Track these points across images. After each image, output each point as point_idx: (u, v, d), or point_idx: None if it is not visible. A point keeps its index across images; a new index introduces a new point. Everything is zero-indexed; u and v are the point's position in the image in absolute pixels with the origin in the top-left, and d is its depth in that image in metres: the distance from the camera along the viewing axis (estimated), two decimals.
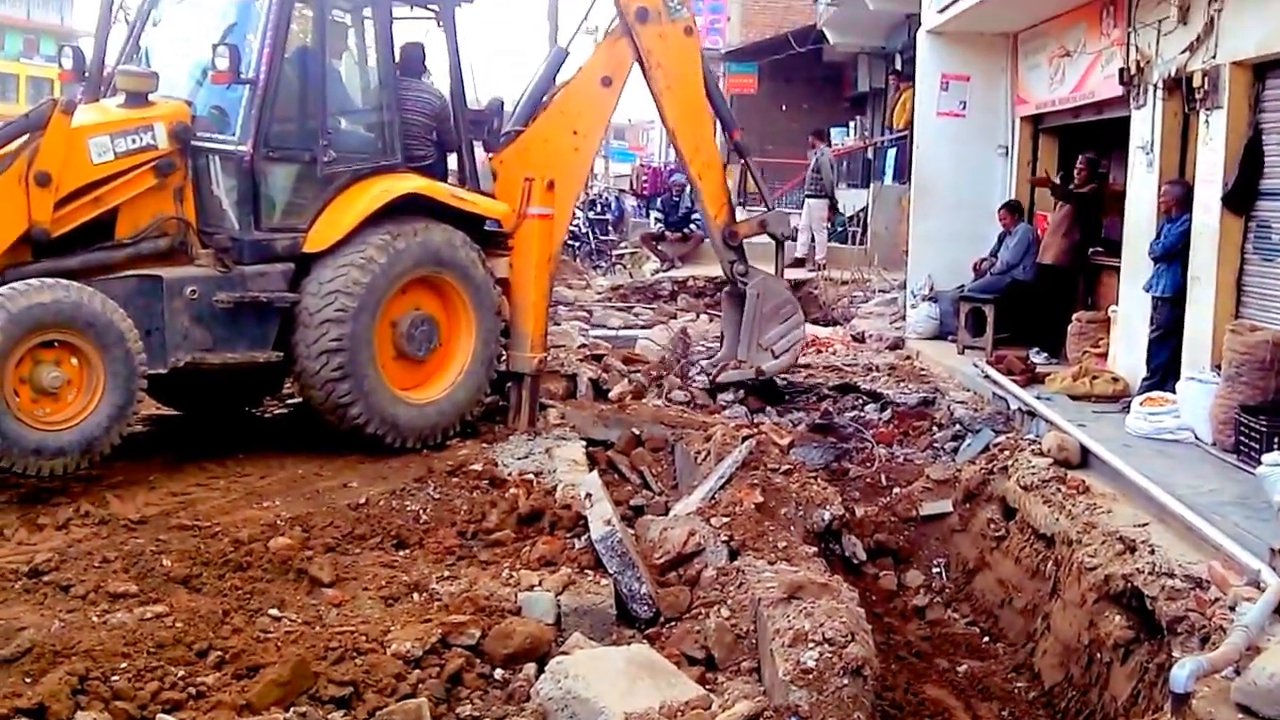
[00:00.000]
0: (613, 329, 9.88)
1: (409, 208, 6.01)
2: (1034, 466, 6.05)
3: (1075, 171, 9.17)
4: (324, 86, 5.86)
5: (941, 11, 10.19)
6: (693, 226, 15.84)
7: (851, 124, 19.98)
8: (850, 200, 16.75)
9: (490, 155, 6.96)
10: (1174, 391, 6.51)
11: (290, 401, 6.85)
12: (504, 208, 6.59)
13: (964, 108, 10.73)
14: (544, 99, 7.10)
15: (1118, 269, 8.00)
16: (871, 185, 15.79)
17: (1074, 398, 7.33)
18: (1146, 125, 7.48)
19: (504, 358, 6.59)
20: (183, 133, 5.49)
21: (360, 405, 5.76)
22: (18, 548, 4.31)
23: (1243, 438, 5.69)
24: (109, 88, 5.91)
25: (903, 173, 14.42)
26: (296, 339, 5.70)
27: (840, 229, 16.32)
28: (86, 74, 6.00)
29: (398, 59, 6.37)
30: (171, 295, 5.34)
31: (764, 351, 8.17)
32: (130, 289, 5.24)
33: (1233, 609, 4.00)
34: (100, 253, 5.33)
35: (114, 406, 4.99)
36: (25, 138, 5.04)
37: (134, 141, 5.36)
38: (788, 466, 5.97)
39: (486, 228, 6.54)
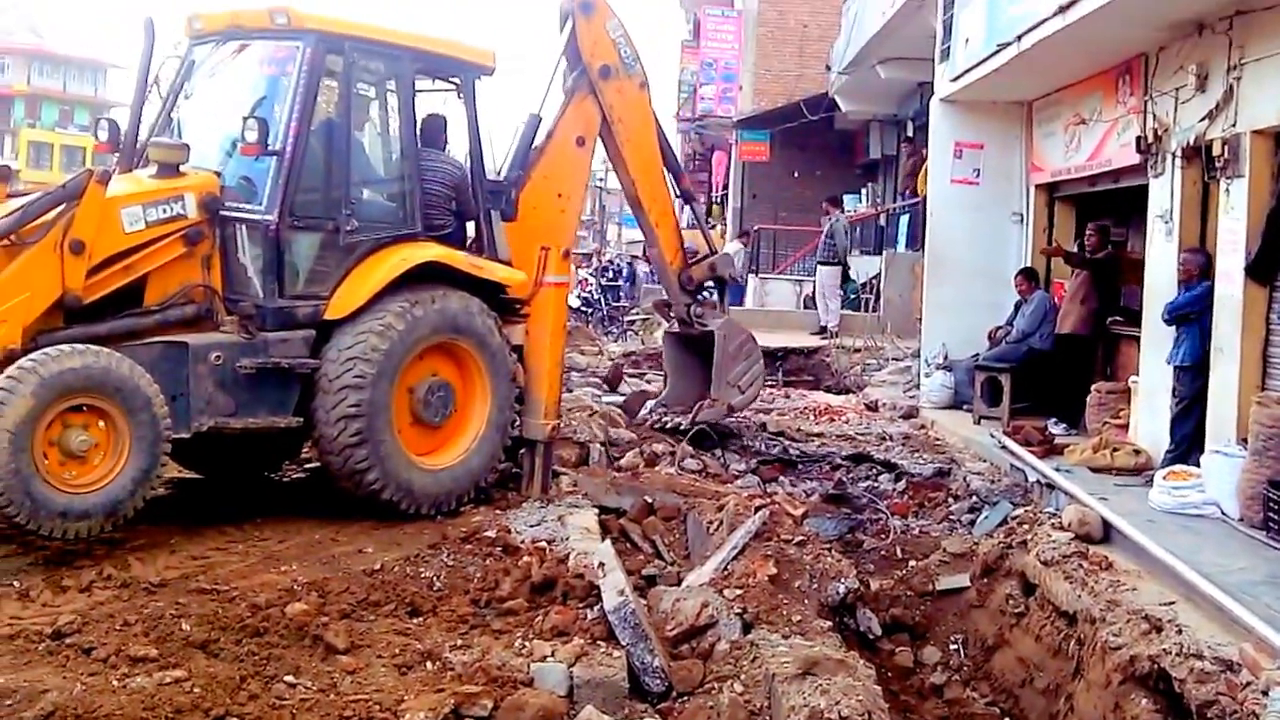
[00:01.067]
0: (624, 395, 10.03)
1: (427, 275, 6.25)
2: (1054, 541, 6.08)
3: (1086, 238, 9.37)
4: (348, 157, 6.15)
5: (955, 80, 10.51)
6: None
7: (863, 191, 20.39)
8: (863, 267, 17.03)
9: None
10: (1198, 465, 6.55)
11: (308, 466, 7.01)
12: (520, 276, 6.83)
13: (978, 175, 11.01)
14: (527, 166, 7.31)
15: (1138, 338, 8.12)
16: (884, 252, 16.07)
17: (1094, 470, 7.41)
18: (1165, 193, 7.65)
19: (518, 424, 6.75)
20: (212, 203, 5.77)
21: (377, 471, 5.93)
22: (42, 609, 4.46)
23: (1272, 514, 5.73)
24: (142, 159, 6.21)
25: (915, 239, 14.71)
26: (316, 404, 5.90)
27: (853, 296, 16.57)
28: (121, 145, 6.29)
29: (419, 130, 6.66)
30: (197, 361, 5.56)
31: (732, 388, 8.66)
32: (157, 354, 5.46)
33: (1265, 694, 4.00)
34: (129, 319, 5.57)
35: (139, 470, 5.17)
36: (62, 207, 5.30)
37: (165, 211, 5.63)
38: (801, 538, 6.05)
39: (502, 295, 6.75)
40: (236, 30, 6.38)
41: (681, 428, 8.64)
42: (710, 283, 8.94)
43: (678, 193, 8.86)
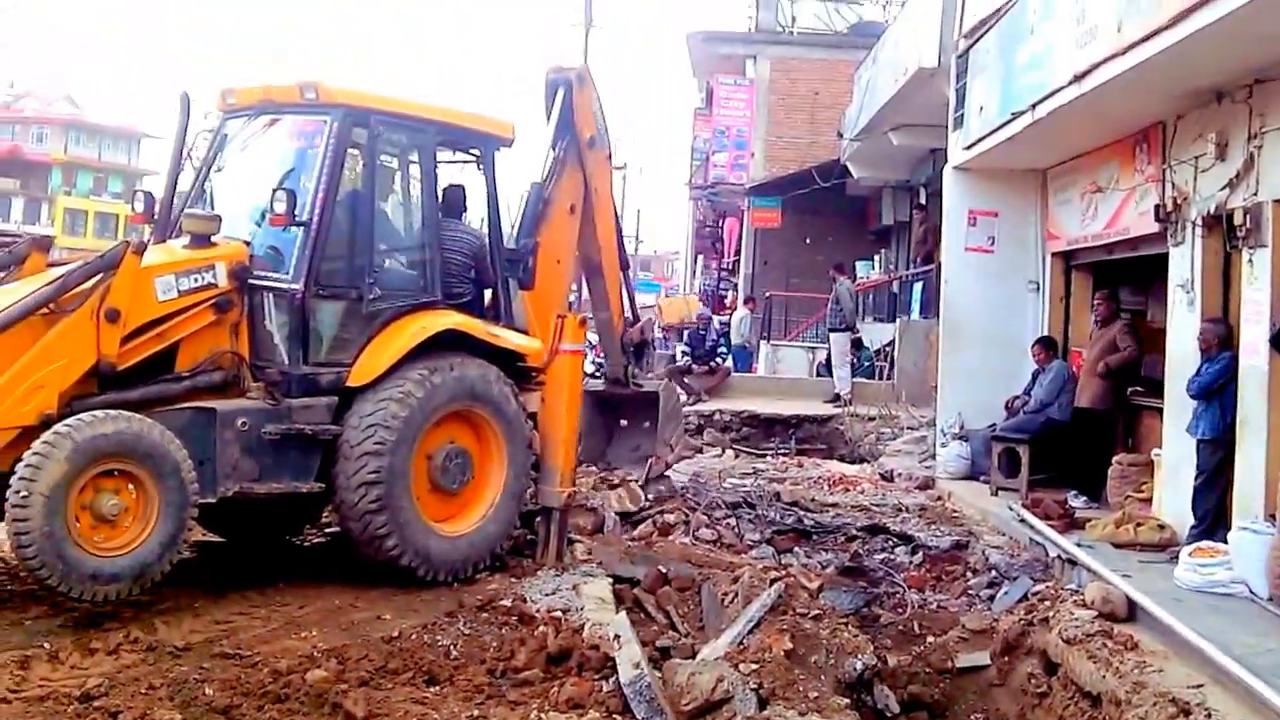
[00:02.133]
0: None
1: (446, 343, 6.48)
2: (1077, 619, 6.07)
3: (1094, 307, 9.51)
4: (372, 227, 6.44)
5: (968, 148, 10.71)
6: (718, 360, 16.37)
7: (876, 257, 20.69)
8: (876, 334, 17.24)
9: None
10: (1225, 541, 6.55)
11: (328, 530, 7.18)
12: (536, 344, 7.06)
13: (992, 243, 11.18)
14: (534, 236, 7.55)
15: (1160, 409, 8.15)
16: (898, 319, 16.30)
17: (1117, 546, 7.43)
18: (1186, 263, 7.72)
19: (533, 492, 6.92)
20: (241, 272, 6.06)
21: (396, 537, 6.11)
22: (71, 671, 4.64)
23: None
24: (176, 229, 6.53)
25: (929, 307, 14.94)
26: (337, 470, 6.11)
27: (866, 364, 16.75)
28: (155, 216, 6.60)
29: (440, 200, 6.95)
30: (224, 427, 5.78)
31: (666, 446, 9.19)
32: (186, 420, 5.69)
33: None
34: (160, 385, 5.82)
35: (166, 534, 5.37)
36: (99, 276, 5.58)
37: (196, 280, 5.92)
38: (818, 611, 6.12)
39: (519, 363, 6.97)
40: (268, 104, 6.71)
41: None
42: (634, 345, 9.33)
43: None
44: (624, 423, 9.43)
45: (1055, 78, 8.05)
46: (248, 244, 6.26)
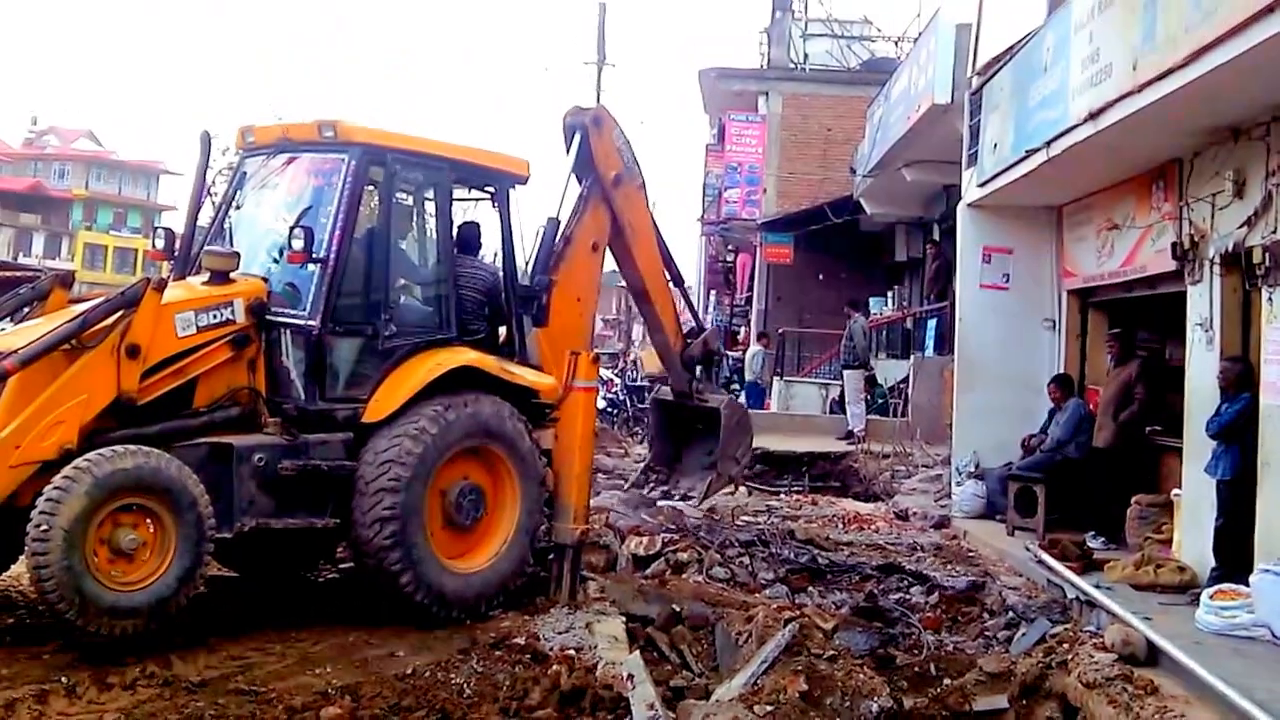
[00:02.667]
0: (651, 497, 10.19)
1: (461, 380, 6.54)
2: (1097, 662, 6.03)
3: (1107, 347, 9.51)
4: (388, 264, 6.55)
5: (982, 185, 10.77)
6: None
7: (889, 294, 20.72)
8: (889, 371, 17.24)
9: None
10: (1247, 584, 6.50)
11: (343, 566, 7.22)
12: (549, 381, 7.11)
13: (1007, 280, 11.20)
14: (549, 272, 7.66)
15: (1179, 449, 8.11)
16: (912, 356, 16.30)
17: (1137, 588, 7.38)
18: (1204, 301, 7.71)
19: (547, 529, 6.94)
20: (259, 308, 6.17)
21: (410, 574, 6.16)
22: (88, 706, 4.71)
23: None
24: (195, 265, 6.64)
25: (943, 344, 14.94)
26: (353, 506, 6.17)
27: (880, 401, 16.74)
28: (175, 252, 6.71)
29: (455, 237, 7.04)
30: (240, 462, 5.85)
31: (730, 460, 9.31)
32: (204, 456, 5.77)
33: None
34: (179, 420, 5.90)
35: (183, 569, 5.43)
36: (120, 313, 5.69)
37: (215, 317, 6.03)
38: (832, 652, 6.10)
39: (533, 400, 7.01)
40: (286, 143, 6.85)
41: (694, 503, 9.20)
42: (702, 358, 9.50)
43: (669, 277, 9.33)
44: (693, 436, 9.60)
45: (1070, 115, 8.11)
46: (266, 281, 6.37)
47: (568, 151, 8.11)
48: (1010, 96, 9.88)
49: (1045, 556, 8.20)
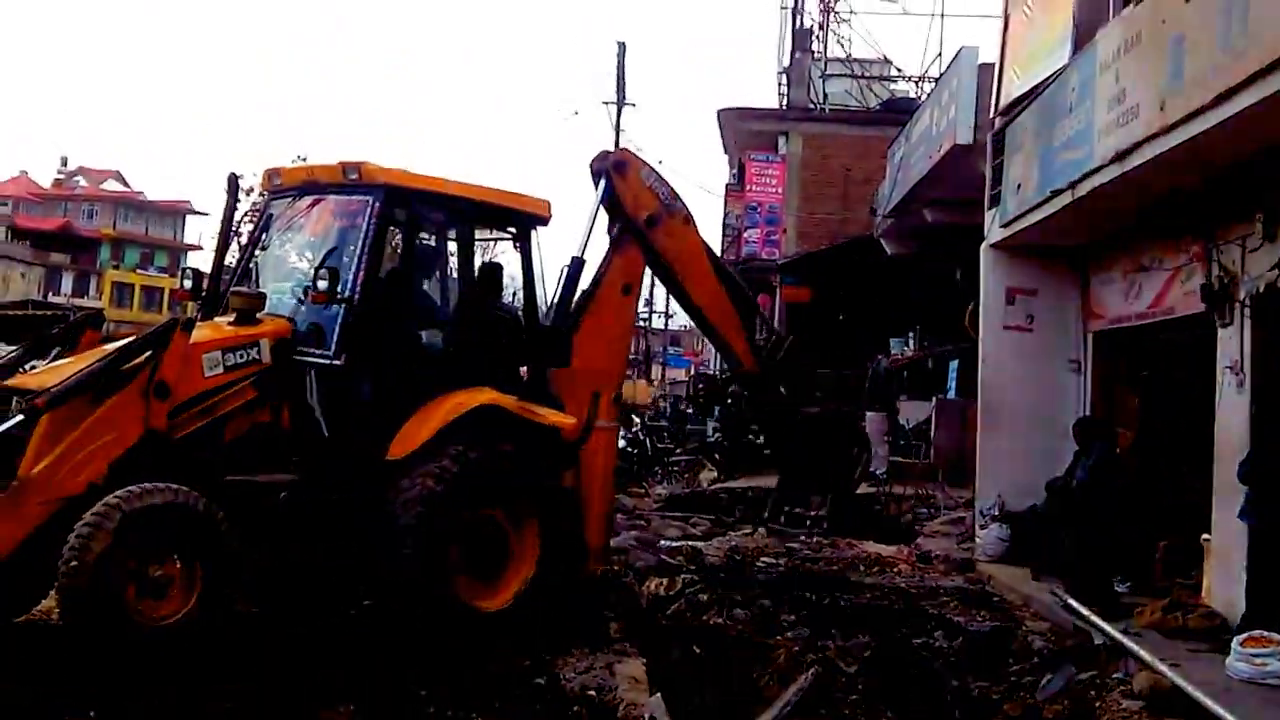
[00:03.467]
0: (670, 540, 10.14)
1: (482, 419, 6.56)
2: (1125, 710, 6.02)
3: (1135, 389, 9.37)
4: (411, 304, 6.61)
5: (1006, 226, 10.72)
6: (750, 438, 16.31)
7: (910, 334, 20.66)
8: (911, 412, 17.14)
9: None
10: (1278, 630, 6.44)
11: (365, 603, 7.21)
12: (571, 421, 7.13)
13: (1031, 321, 11.11)
14: (577, 312, 7.72)
15: (1209, 493, 7.98)
16: (934, 398, 16.20)
17: (1165, 633, 7.30)
18: (1234, 343, 7.66)
19: (568, 569, 6.92)
20: (284, 348, 6.27)
21: (431, 613, 6.20)
22: None
23: None
24: (223, 305, 6.74)
25: (966, 385, 14.84)
26: (375, 544, 6.18)
27: (902, 442, 16.64)
28: (203, 293, 6.80)
29: (483, 280, 7.10)
30: (266, 499, 5.96)
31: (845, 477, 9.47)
32: (230, 493, 5.83)
33: None
34: (206, 457, 5.97)
35: (210, 604, 5.52)
36: (149, 353, 5.81)
37: (242, 356, 6.15)
38: (854, 697, 6.05)
39: (554, 440, 7.02)
40: (311, 185, 6.97)
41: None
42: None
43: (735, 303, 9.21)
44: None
45: (1096, 156, 8.09)
46: (291, 321, 6.44)
47: (597, 193, 8.14)
48: (1034, 137, 9.87)
49: (1072, 601, 8.10)
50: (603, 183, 8.07)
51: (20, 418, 5.51)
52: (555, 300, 7.60)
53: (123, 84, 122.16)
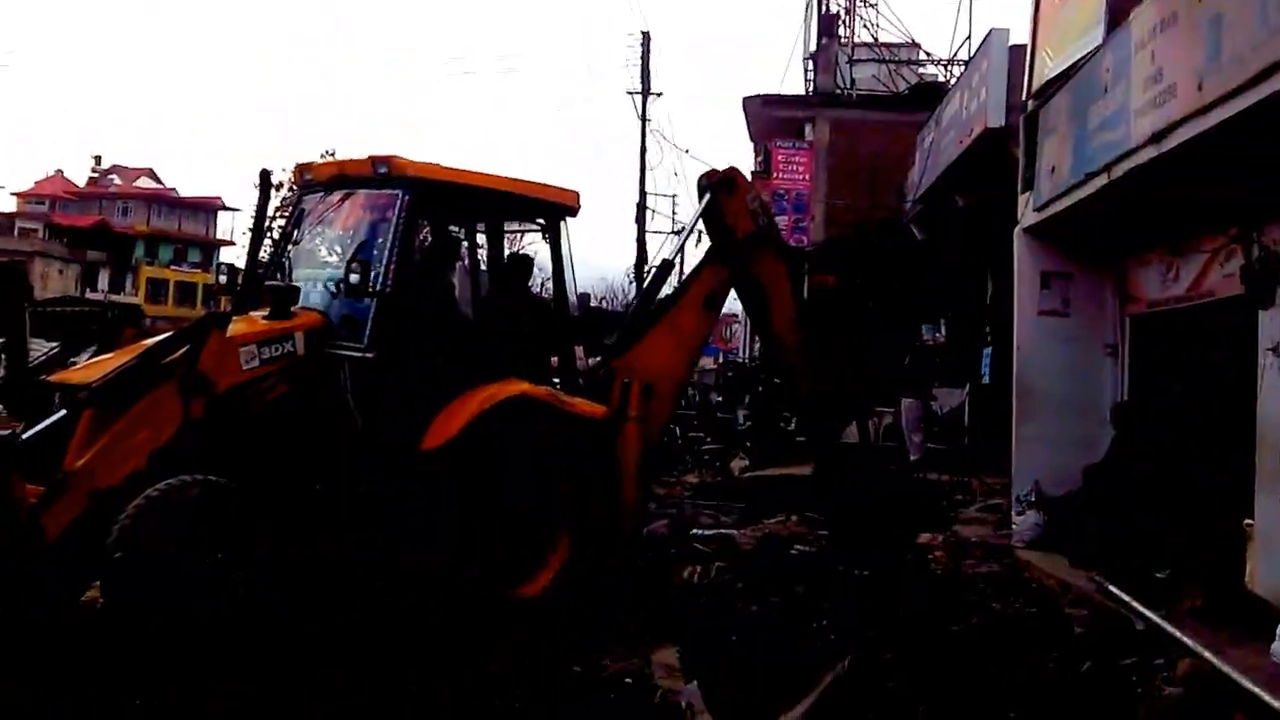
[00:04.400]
0: (703, 528, 10.15)
1: (514, 409, 6.60)
2: (1166, 696, 5.98)
3: (1175, 372, 9.27)
4: (442, 296, 6.64)
5: (1039, 210, 10.63)
6: (781, 424, 16.28)
7: (942, 320, 20.51)
8: (945, 400, 17.03)
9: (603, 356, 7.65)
10: None
11: (402, 590, 7.29)
12: (602, 410, 7.19)
13: (1067, 306, 11.03)
14: (657, 312, 7.94)
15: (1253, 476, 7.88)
16: (967, 384, 16.09)
17: (1207, 619, 7.22)
18: (1276, 326, 7.58)
19: (602, 555, 6.96)
20: (318, 340, 6.32)
21: (468, 600, 6.25)
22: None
23: None
24: (256, 300, 6.84)
25: (1000, 371, 14.71)
26: (411, 533, 6.24)
27: (935, 429, 16.54)
28: (238, 287, 6.90)
29: (506, 268, 7.14)
30: (303, 490, 6.07)
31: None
32: (268, 483, 5.94)
33: None
34: (244, 449, 6.04)
35: (253, 592, 5.67)
36: (187, 347, 5.90)
37: (277, 349, 6.24)
38: (891, 682, 6.02)
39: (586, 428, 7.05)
40: (342, 179, 7.05)
41: None
42: None
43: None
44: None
45: (1132, 137, 7.99)
46: (324, 314, 6.49)
47: (699, 206, 8.34)
48: (1068, 119, 9.77)
49: (1111, 587, 8.06)
50: (707, 197, 8.21)
51: (64, 412, 5.62)
52: (637, 298, 7.73)
53: (144, 82, 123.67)
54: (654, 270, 7.88)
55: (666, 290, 8.54)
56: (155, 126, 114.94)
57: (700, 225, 8.51)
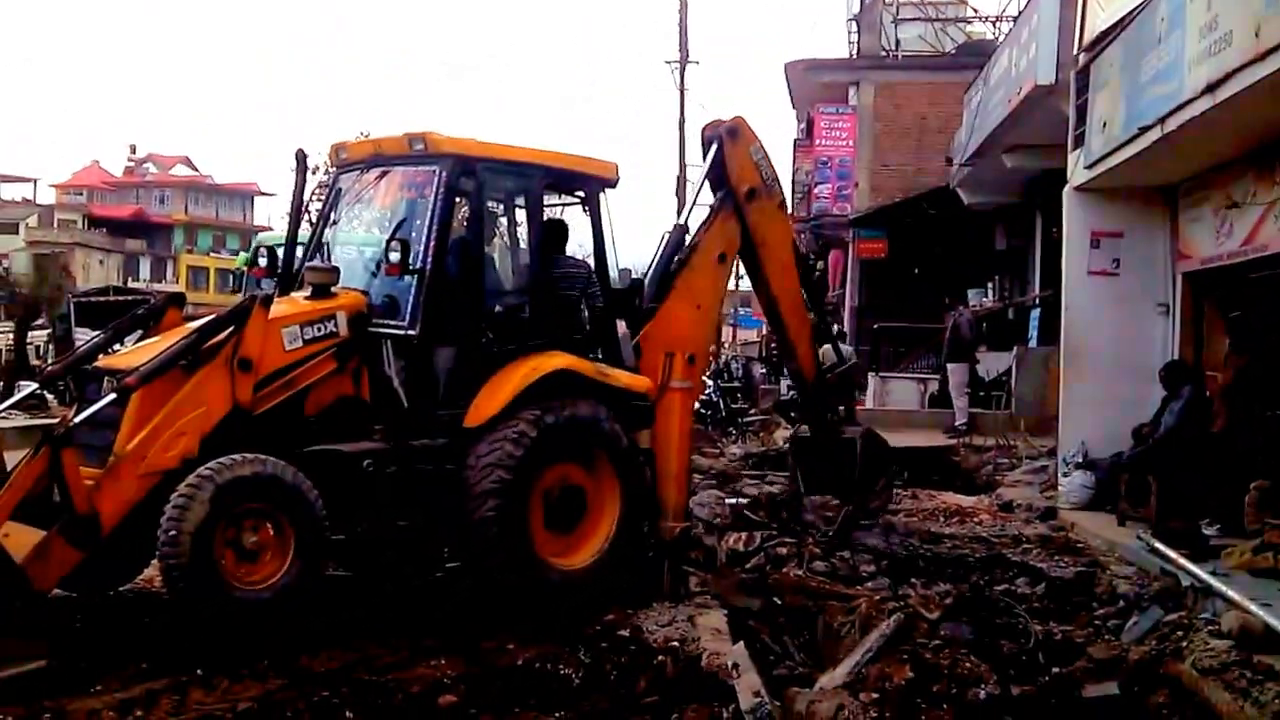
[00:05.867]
0: (748, 497, 10.38)
1: (558, 383, 6.84)
2: (1213, 649, 6.06)
3: (1228, 330, 9.31)
4: (481, 273, 6.91)
5: (1090, 167, 10.58)
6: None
7: (990, 284, 20.46)
8: (991, 363, 17.08)
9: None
10: None
11: (451, 565, 7.61)
12: (645, 382, 7.38)
13: (1117, 266, 11.02)
14: (671, 276, 7.98)
15: None
16: (1015, 348, 16.12)
17: (1255, 574, 7.32)
18: None
19: (647, 527, 7.20)
20: (360, 320, 6.57)
21: (515, 573, 6.51)
22: (223, 696, 5.14)
23: None
24: (298, 281, 7.08)
25: (1048, 334, 14.74)
26: (457, 508, 6.51)
27: (981, 394, 16.60)
28: (279, 270, 7.15)
29: (548, 238, 7.33)
30: (351, 468, 6.26)
31: (871, 495, 9.35)
32: (316, 462, 6.16)
33: None
34: (291, 429, 6.31)
35: (303, 568, 5.87)
36: (230, 329, 6.13)
37: (319, 330, 6.44)
38: (937, 642, 6.23)
39: (629, 401, 7.27)
40: (378, 157, 7.22)
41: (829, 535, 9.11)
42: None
43: (811, 307, 9.37)
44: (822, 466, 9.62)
45: (1186, 88, 7.95)
46: (365, 293, 6.74)
47: (705, 160, 8.32)
48: (1120, 72, 9.69)
49: (1158, 545, 8.14)
50: (713, 149, 8.22)
51: (113, 396, 5.82)
52: (654, 264, 7.83)
53: (184, 70, 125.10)
54: (668, 236, 7.89)
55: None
56: (188, 114, 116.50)
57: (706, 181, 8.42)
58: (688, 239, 8.08)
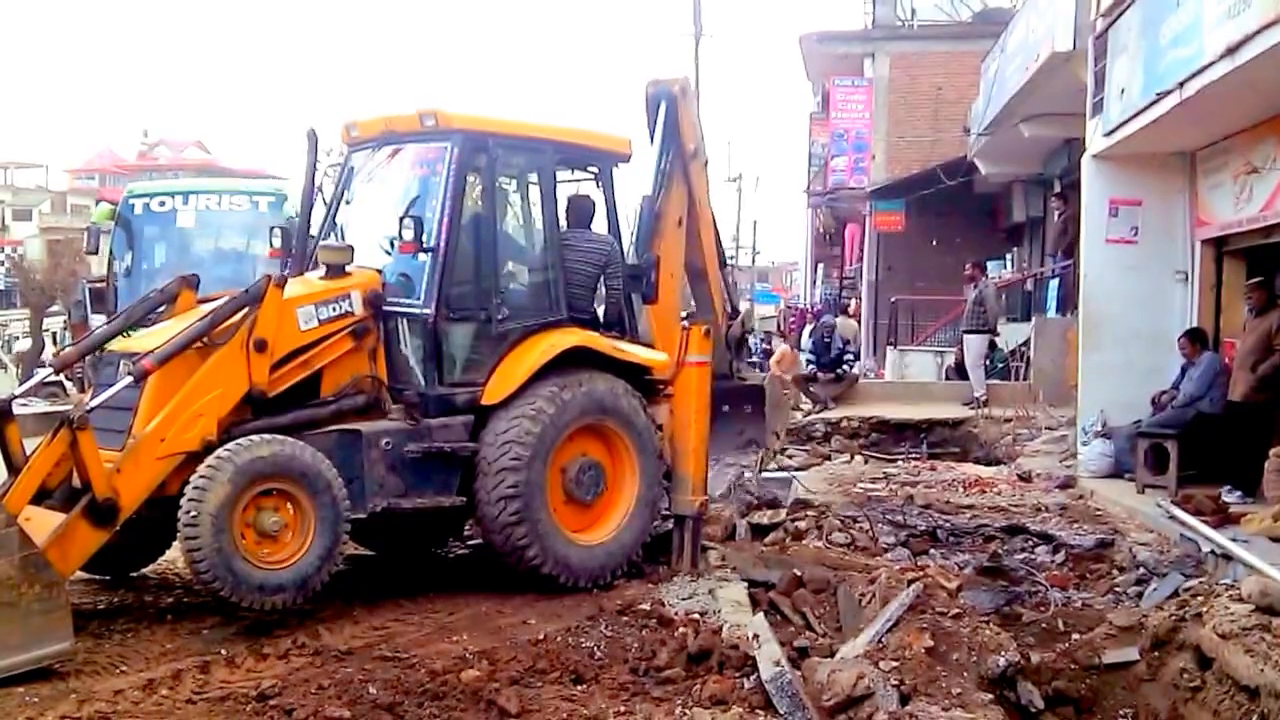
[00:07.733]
0: (769, 470, 10.44)
1: (574, 359, 6.88)
2: (1233, 613, 6.05)
3: (1246, 297, 9.31)
4: (496, 250, 6.89)
5: (1109, 134, 10.55)
6: (845, 368, 16.46)
7: (1008, 255, 20.37)
8: (1010, 335, 17.05)
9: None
10: None
11: (471, 542, 7.72)
12: (662, 357, 7.39)
13: (1136, 233, 11.00)
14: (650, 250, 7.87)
15: None
16: (1034, 318, 16.08)
17: (1276, 539, 7.37)
18: None
19: (666, 501, 7.25)
20: (375, 299, 6.57)
21: (536, 548, 6.55)
22: (247, 674, 5.21)
23: None
24: (312, 261, 7.10)
25: (1066, 304, 14.70)
26: (477, 485, 6.57)
27: (1001, 365, 16.58)
28: (292, 250, 7.20)
29: (564, 212, 7.34)
30: (369, 447, 6.29)
31: (774, 435, 9.44)
32: (334, 442, 6.21)
33: None
34: (308, 410, 6.36)
35: (323, 548, 5.92)
36: (245, 310, 6.15)
37: (334, 309, 6.44)
38: (957, 610, 6.24)
39: (646, 376, 7.31)
40: (389, 135, 7.18)
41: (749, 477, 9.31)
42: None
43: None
44: (725, 409, 9.23)
45: (1205, 52, 7.90)
46: (380, 272, 6.75)
47: (650, 123, 8.13)
48: (1139, 36, 9.63)
49: (1178, 511, 8.18)
50: (664, 106, 8.03)
51: (130, 379, 5.84)
52: (636, 238, 7.74)
53: (194, 54, 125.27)
54: (642, 208, 7.74)
55: None
56: (197, 98, 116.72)
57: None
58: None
